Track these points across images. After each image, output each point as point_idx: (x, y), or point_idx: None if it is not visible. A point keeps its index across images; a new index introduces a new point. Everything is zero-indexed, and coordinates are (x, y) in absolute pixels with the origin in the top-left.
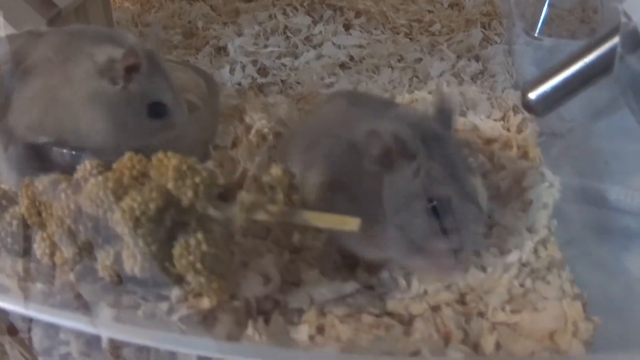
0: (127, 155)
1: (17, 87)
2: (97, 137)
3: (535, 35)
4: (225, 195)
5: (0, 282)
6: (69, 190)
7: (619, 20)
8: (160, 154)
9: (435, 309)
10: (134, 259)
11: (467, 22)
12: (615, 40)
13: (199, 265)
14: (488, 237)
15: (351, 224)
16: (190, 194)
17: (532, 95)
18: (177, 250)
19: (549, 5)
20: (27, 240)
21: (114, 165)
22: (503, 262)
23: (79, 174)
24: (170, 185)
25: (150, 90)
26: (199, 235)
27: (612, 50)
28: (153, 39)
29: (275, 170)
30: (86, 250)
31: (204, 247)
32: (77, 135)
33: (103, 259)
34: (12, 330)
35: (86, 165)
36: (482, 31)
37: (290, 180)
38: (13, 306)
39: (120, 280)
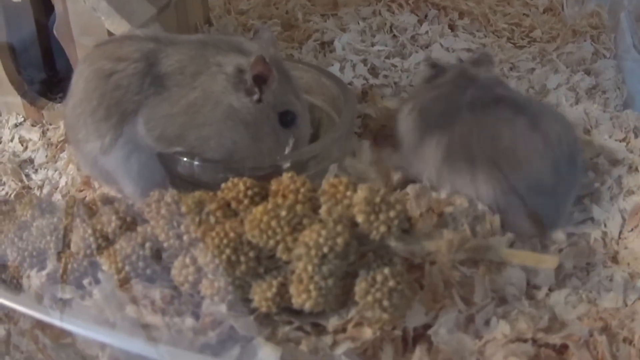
0: (287, 175)
1: (148, 95)
2: (239, 150)
3: None
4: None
5: (138, 316)
6: (219, 213)
7: None
8: (333, 179)
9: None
10: (307, 294)
11: (574, 32)
12: None
13: (385, 303)
14: (616, 261)
15: (549, 261)
16: (383, 229)
17: None
18: (361, 286)
19: None
20: (158, 263)
21: (272, 187)
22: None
23: (228, 193)
24: (360, 218)
25: (280, 99)
26: (386, 271)
27: None
28: (269, 43)
29: (461, 201)
30: (242, 280)
31: (392, 283)
32: (216, 148)
33: (263, 291)
34: None
35: (238, 185)
36: (591, 44)
37: (475, 212)
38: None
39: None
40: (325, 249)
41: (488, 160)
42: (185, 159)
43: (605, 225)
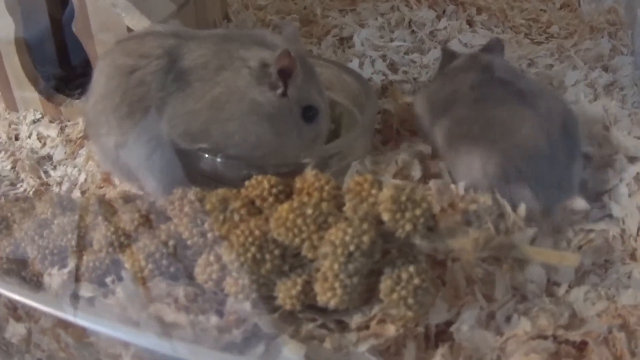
0: (312, 173)
1: (171, 91)
2: (262, 145)
3: None
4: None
5: (162, 314)
6: (243, 211)
7: None
8: (358, 177)
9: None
10: (332, 291)
11: (592, 29)
12: None
13: (410, 300)
14: (635, 258)
15: (571, 259)
16: (408, 227)
17: None
18: (386, 284)
19: None
20: (181, 260)
21: (297, 184)
22: None
23: (252, 191)
24: (386, 216)
25: (304, 93)
26: (411, 269)
27: None
28: (292, 38)
29: (485, 199)
30: (266, 278)
31: (417, 280)
32: (240, 144)
33: (288, 288)
34: None
35: (262, 182)
36: (609, 40)
37: (499, 209)
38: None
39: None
40: (352, 247)
41: (483, 140)
42: (207, 155)
43: (623, 222)
